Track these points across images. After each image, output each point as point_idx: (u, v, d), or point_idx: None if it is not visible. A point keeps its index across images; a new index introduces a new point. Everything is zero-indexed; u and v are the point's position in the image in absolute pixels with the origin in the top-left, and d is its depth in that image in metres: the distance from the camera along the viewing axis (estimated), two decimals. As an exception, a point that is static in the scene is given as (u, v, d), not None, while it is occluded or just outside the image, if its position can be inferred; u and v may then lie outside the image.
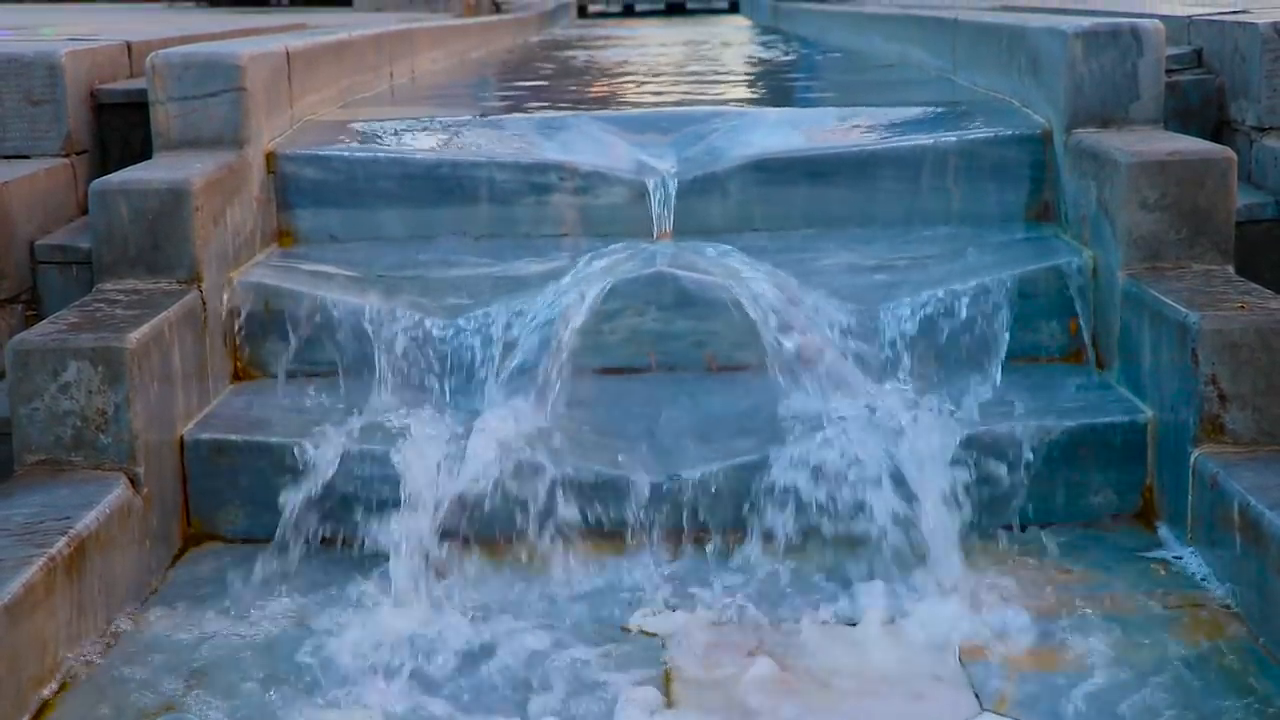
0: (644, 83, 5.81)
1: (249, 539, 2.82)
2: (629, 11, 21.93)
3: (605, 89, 5.52)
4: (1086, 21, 3.28)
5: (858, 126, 3.77)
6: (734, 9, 18.94)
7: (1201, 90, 3.57)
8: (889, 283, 3.18)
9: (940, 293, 3.07)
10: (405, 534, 2.61)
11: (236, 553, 2.79)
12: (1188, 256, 2.90)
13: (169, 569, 2.74)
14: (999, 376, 3.01)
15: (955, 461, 2.68)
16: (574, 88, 5.53)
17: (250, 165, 3.28)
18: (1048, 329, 3.14)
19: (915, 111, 3.85)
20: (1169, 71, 3.41)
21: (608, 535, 2.76)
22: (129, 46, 3.93)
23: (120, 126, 3.64)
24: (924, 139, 3.50)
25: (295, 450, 2.77)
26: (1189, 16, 3.79)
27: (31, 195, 3.26)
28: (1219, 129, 3.53)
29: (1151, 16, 3.44)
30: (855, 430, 2.72)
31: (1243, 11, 3.79)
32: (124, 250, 2.92)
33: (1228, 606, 2.43)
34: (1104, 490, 2.81)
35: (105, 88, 3.68)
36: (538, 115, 4.01)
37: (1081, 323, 3.12)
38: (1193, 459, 2.58)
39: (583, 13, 19.69)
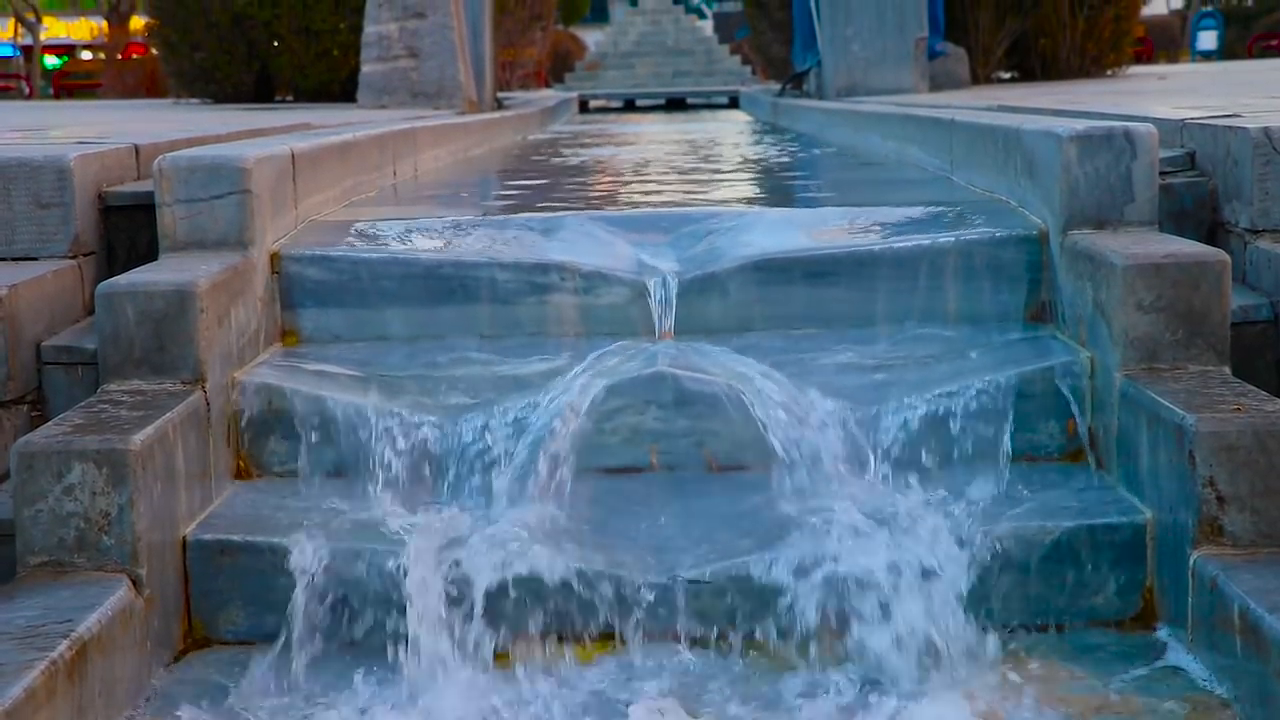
0: (644, 181, 5.87)
1: (250, 640, 2.82)
2: (630, 106, 22.19)
3: (606, 187, 5.58)
4: (1080, 125, 3.33)
5: (856, 226, 3.81)
6: (734, 104, 19.15)
7: (1195, 192, 3.61)
8: (888, 382, 3.20)
9: (940, 393, 3.10)
10: (405, 636, 2.61)
11: (237, 655, 2.78)
12: (1184, 358, 2.93)
13: (169, 671, 2.73)
14: (998, 477, 3.02)
15: (955, 563, 2.69)
16: (575, 186, 5.59)
17: (255, 266, 3.32)
18: (1046, 429, 3.16)
19: (913, 211, 3.89)
20: (1163, 174, 3.45)
21: (608, 635, 2.76)
22: (136, 149, 3.98)
23: (127, 228, 3.68)
24: (922, 239, 3.53)
25: (297, 551, 2.78)
26: (1181, 120, 3.84)
27: (39, 297, 3.29)
28: (1213, 231, 3.57)
29: (1145, 119, 3.49)
30: (855, 532, 2.73)
31: (1234, 115, 3.84)
32: (129, 351, 2.95)
33: (1230, 710, 2.42)
34: (1104, 591, 2.81)
35: (113, 190, 3.72)
36: (539, 215, 4.05)
37: (1079, 423, 3.13)
38: (1192, 561, 2.58)
39: (584, 108, 19.92)
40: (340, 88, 11.04)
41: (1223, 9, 31.00)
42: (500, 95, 12.77)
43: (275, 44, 11.32)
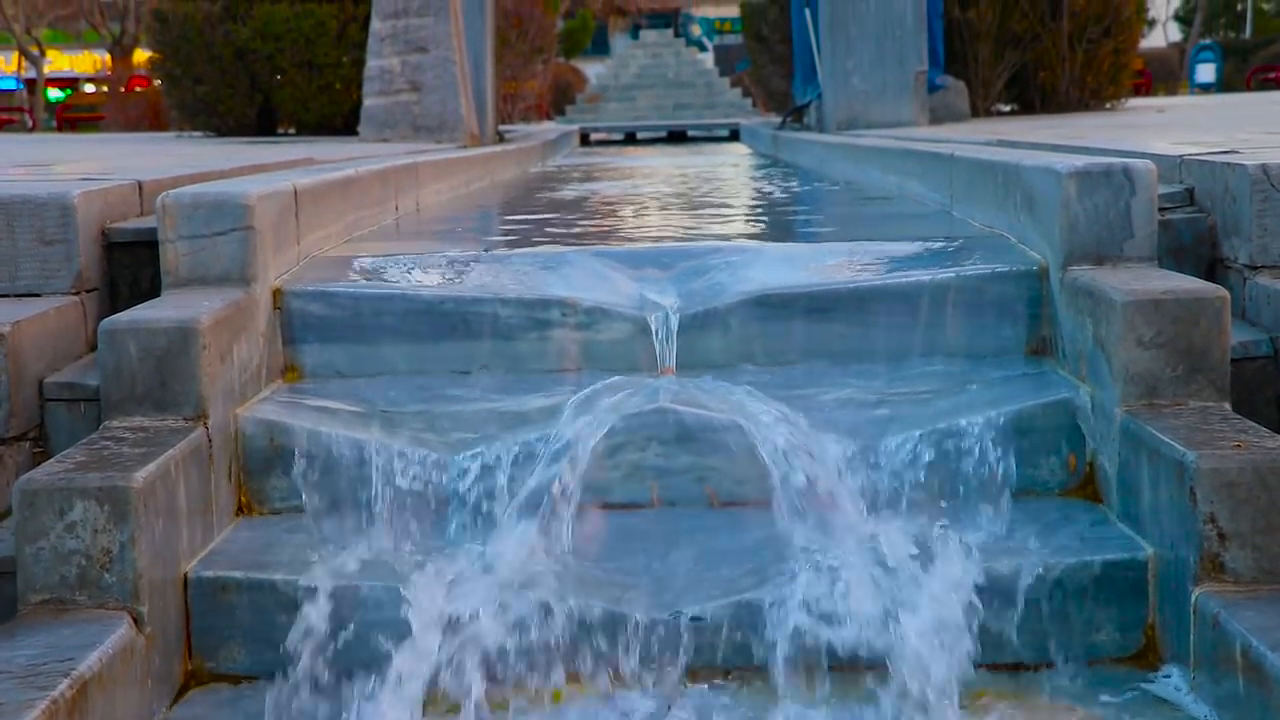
0: (645, 216, 5.89)
1: (250, 677, 2.81)
2: (631, 139, 22.25)
3: (607, 222, 5.59)
4: (1080, 161, 3.34)
5: (857, 262, 3.83)
6: (734, 137, 19.21)
7: (1194, 228, 3.63)
8: (889, 417, 3.20)
9: (940, 428, 3.10)
10: (408, 675, 2.61)
11: (238, 692, 2.78)
12: (1185, 394, 2.93)
13: (170, 709, 2.73)
14: (998, 512, 3.02)
15: (957, 600, 2.69)
16: (576, 221, 5.61)
17: (257, 302, 3.33)
18: (1046, 464, 3.16)
19: (913, 247, 3.91)
20: (1162, 210, 3.47)
21: (611, 672, 2.76)
22: (140, 186, 4.00)
23: (130, 264, 3.69)
24: (922, 275, 3.54)
25: (298, 588, 2.78)
26: (1180, 156, 3.86)
27: (42, 334, 3.30)
28: (1212, 266, 3.58)
29: (1144, 156, 3.50)
30: (857, 568, 2.73)
31: (1232, 152, 3.86)
32: (132, 388, 2.96)
33: (1232, 748, 2.42)
34: (1106, 628, 2.81)
35: (116, 226, 3.73)
36: (540, 250, 4.06)
37: (1080, 459, 3.14)
38: (1194, 598, 2.58)
39: (585, 140, 19.99)
40: (342, 121, 11.09)
41: (1221, 41, 31.17)
42: (502, 128, 12.82)
43: (278, 77, 11.36)
